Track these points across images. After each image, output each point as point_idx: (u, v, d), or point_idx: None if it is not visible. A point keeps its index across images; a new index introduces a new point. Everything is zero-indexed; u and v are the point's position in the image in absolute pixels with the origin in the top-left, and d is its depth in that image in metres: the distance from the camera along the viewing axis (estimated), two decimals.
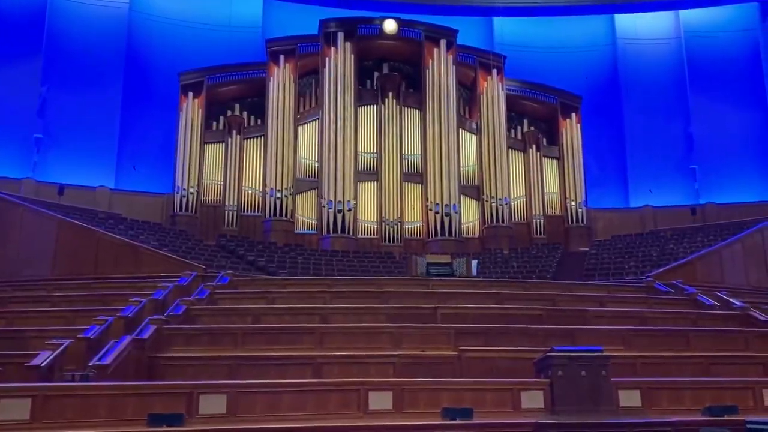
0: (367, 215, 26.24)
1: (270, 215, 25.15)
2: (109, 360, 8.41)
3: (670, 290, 16.19)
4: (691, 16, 30.32)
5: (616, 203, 28.86)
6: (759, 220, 22.50)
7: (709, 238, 22.71)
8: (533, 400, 8.43)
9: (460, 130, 27.25)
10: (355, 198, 25.88)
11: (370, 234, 25.97)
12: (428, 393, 8.29)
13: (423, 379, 8.66)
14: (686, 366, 10.32)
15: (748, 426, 6.76)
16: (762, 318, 13.16)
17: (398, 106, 27.13)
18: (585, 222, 27.53)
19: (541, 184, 27.83)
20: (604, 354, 8.82)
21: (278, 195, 25.27)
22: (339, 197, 25.43)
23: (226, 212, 25.88)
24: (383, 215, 26.18)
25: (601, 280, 18.96)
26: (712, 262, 19.84)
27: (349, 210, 25.43)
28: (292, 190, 25.69)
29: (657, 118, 29.15)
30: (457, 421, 7.78)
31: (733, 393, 9.06)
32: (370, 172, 26.54)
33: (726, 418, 8.29)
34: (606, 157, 29.12)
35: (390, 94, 27.16)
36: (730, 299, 14.66)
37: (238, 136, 26.81)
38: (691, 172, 28.78)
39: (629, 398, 8.72)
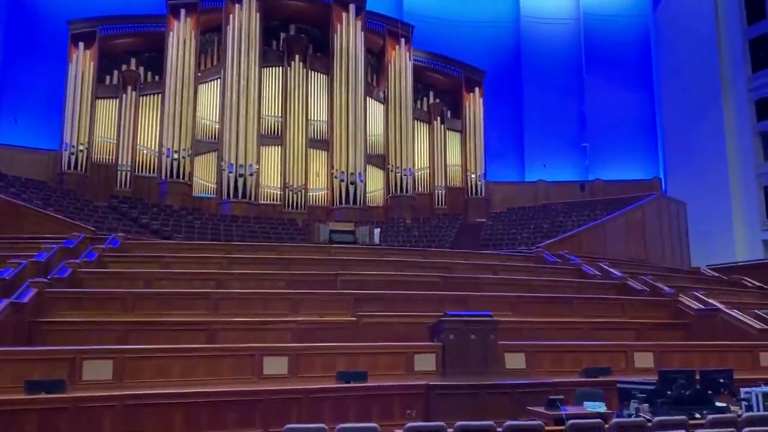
0: (270, 181, 25.71)
1: (166, 177, 24.35)
2: None
3: (558, 260, 16.63)
4: None
5: (513, 177, 29.72)
6: (640, 197, 23.54)
7: (596, 213, 23.35)
8: (426, 362, 8.60)
9: (368, 98, 27.05)
10: (258, 162, 25.28)
11: (273, 200, 25.51)
12: (324, 358, 8.33)
13: (319, 344, 8.68)
14: (569, 331, 10.70)
15: (619, 386, 6.97)
16: (638, 287, 13.67)
17: (305, 70, 26.69)
18: (483, 194, 28.10)
19: (444, 156, 28.14)
20: (494, 319, 9.05)
21: (175, 156, 24.45)
22: (240, 161, 24.75)
23: (119, 172, 24.84)
24: (287, 181, 25.73)
25: (495, 250, 19.39)
26: (597, 235, 20.70)
27: (251, 174, 24.84)
28: (190, 152, 24.87)
29: (554, 95, 30.05)
30: (352, 384, 7.85)
31: (608, 356, 9.52)
32: (274, 137, 25.96)
33: (600, 378, 8.60)
34: (506, 132, 29.69)
35: (296, 56, 26.70)
36: (611, 269, 15.18)
37: (134, 93, 25.58)
38: (582, 149, 29.99)
39: (515, 361, 9.04)
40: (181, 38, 25.53)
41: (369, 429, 4.86)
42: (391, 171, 26.86)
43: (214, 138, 25.52)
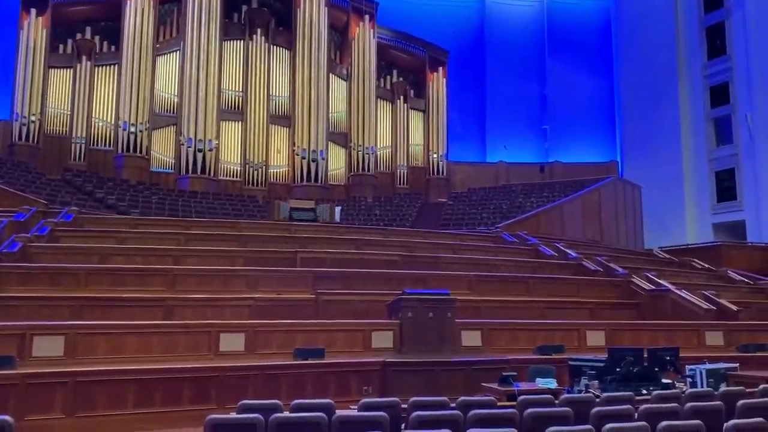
0: (230, 156, 25.29)
1: (122, 150, 23.71)
2: None
3: (516, 240, 16.75)
4: None
5: (475, 157, 29.72)
6: (597, 180, 23.90)
7: (554, 194, 23.60)
8: (383, 340, 8.64)
9: (331, 75, 26.66)
10: (218, 137, 24.77)
11: (233, 176, 25.15)
12: (282, 335, 8.28)
13: (277, 321, 8.61)
14: (525, 310, 10.85)
15: (570, 363, 7.11)
16: (592, 267, 13.93)
17: (267, 44, 26.12)
18: (445, 174, 28.05)
19: (407, 135, 28.02)
20: (451, 297, 9.04)
21: (132, 129, 23.75)
22: (200, 135, 24.20)
23: (73, 145, 24.03)
24: (247, 157, 25.36)
25: (455, 230, 19.38)
26: (554, 216, 20.90)
27: (211, 150, 24.34)
28: (147, 125, 24.21)
29: (516, 77, 30.19)
30: (309, 361, 7.84)
31: (562, 334, 9.68)
32: (235, 112, 25.46)
33: (553, 356, 8.77)
34: (468, 112, 29.62)
35: (258, 30, 26.11)
36: (567, 250, 15.33)
37: (89, 63, 24.73)
38: (543, 131, 30.09)
39: (472, 338, 9.13)
40: (138, 7, 24.74)
41: (324, 405, 4.87)
42: (353, 149, 26.68)
43: (173, 112, 24.91)
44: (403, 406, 5.24)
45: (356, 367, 7.91)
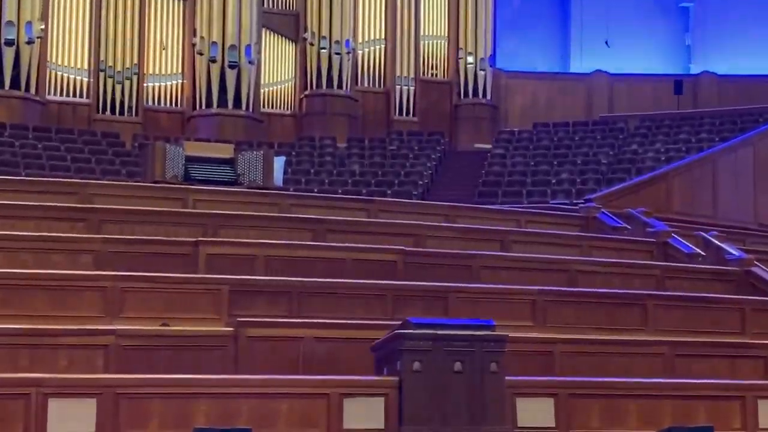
0: (68, 57, 18.28)
1: None
2: None
3: (625, 225, 13.23)
4: None
5: (547, 65, 22.31)
6: None
7: (700, 137, 18.96)
8: (366, 413, 6.43)
9: None
10: (46, 20, 17.79)
11: (73, 94, 18.38)
12: (170, 402, 6.14)
13: (160, 376, 6.45)
14: (639, 357, 8.20)
15: None
16: None
17: None
18: (489, 96, 20.64)
19: (416, 19, 20.31)
20: (498, 334, 6.63)
21: None
22: (10, 16, 17.32)
23: None
24: (102, 58, 18.41)
25: (508, 205, 15.25)
26: (700, 179, 16.75)
27: (31, 42, 17.37)
28: None
29: None
30: None
31: (711, 405, 7.24)
32: None
33: None
34: None
35: None
36: (724, 245, 11.80)
37: None
38: (681, 13, 22.02)
39: (536, 412, 6.82)
40: None
41: None
42: (312, 45, 19.63)
43: None
44: None
45: None
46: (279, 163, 14.41)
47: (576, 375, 7.52)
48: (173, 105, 18.91)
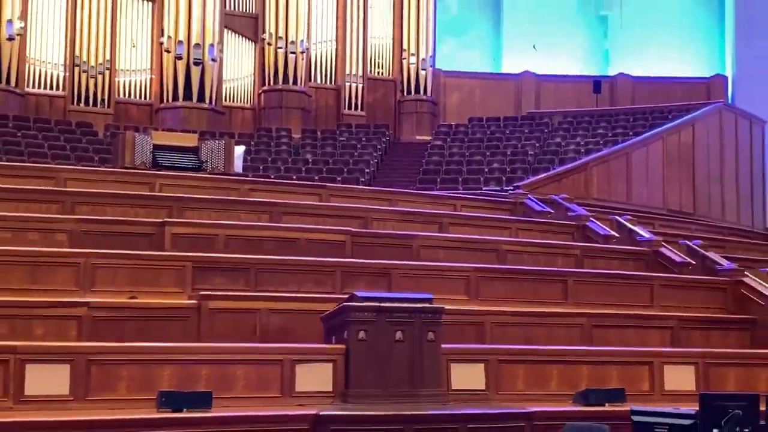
0: (46, 53, 19.38)
1: None
2: None
3: (549, 210, 14.93)
4: None
5: (482, 65, 23.88)
6: (689, 107, 19.86)
7: (616, 131, 20.21)
8: (316, 378, 7.17)
9: None
10: (25, 19, 18.82)
11: (50, 87, 19.53)
12: (138, 367, 6.69)
13: (128, 344, 6.94)
14: (560, 328, 9.25)
15: (635, 419, 6.05)
16: (678, 258, 11.94)
17: None
18: (430, 93, 22.24)
19: (364, 22, 21.91)
20: (435, 306, 7.42)
21: None
22: None
23: None
24: (77, 54, 19.53)
25: (445, 191, 16.99)
26: (616, 168, 18.00)
27: (12, 40, 18.41)
28: None
29: None
30: (185, 414, 6.13)
31: (622, 370, 8.23)
32: None
33: (607, 407, 7.30)
34: None
35: None
36: (635, 228, 13.57)
37: None
38: (601, 21, 23.74)
39: (468, 376, 7.62)
40: None
41: None
42: (269, 45, 20.95)
43: None
44: None
45: (268, 425, 6.35)
46: (239, 151, 15.84)
47: (504, 343, 8.26)
48: (142, 98, 19.97)
